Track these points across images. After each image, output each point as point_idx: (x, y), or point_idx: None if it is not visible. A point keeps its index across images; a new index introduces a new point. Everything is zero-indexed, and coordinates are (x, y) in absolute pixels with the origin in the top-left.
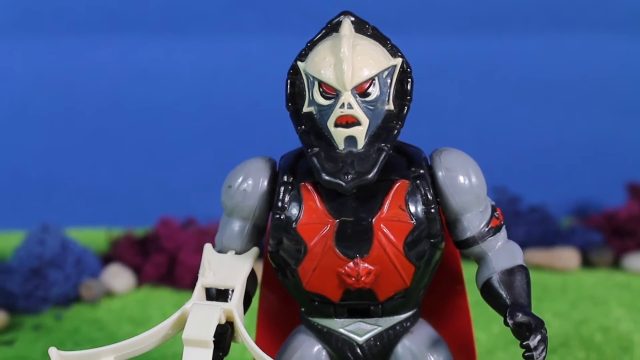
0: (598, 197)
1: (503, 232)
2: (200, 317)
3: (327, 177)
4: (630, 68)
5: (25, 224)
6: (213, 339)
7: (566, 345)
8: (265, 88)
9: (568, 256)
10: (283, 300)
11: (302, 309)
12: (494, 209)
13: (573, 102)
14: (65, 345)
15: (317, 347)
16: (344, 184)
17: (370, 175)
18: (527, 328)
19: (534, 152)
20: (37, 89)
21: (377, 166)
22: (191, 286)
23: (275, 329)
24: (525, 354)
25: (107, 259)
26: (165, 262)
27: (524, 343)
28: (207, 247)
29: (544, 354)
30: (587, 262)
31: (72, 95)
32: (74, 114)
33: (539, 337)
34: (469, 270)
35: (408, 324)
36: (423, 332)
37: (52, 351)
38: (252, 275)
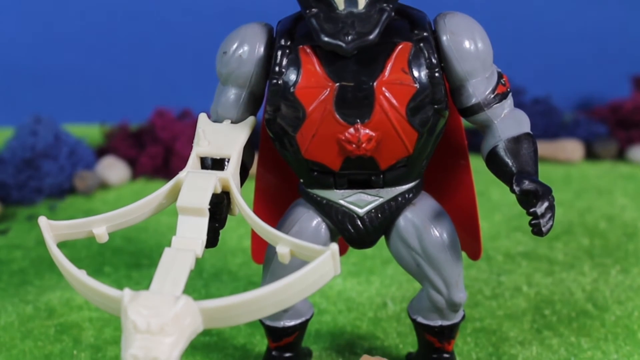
0: (603, 89)
1: (509, 100)
2: (195, 185)
3: (326, 39)
4: None
5: (17, 120)
6: (208, 207)
7: (570, 233)
8: None
9: (572, 148)
10: (280, 178)
11: (301, 181)
12: (500, 76)
13: None
14: None
15: (317, 220)
16: (344, 45)
17: (372, 36)
18: (534, 196)
19: (538, 44)
20: None
21: (379, 27)
22: None
23: (273, 209)
24: (532, 222)
25: (101, 151)
26: (160, 154)
27: (531, 210)
28: (202, 116)
29: (551, 222)
30: (591, 154)
31: None
32: (66, 5)
33: (546, 204)
34: (473, 161)
35: (410, 195)
36: (426, 204)
37: (42, 220)
38: (249, 147)
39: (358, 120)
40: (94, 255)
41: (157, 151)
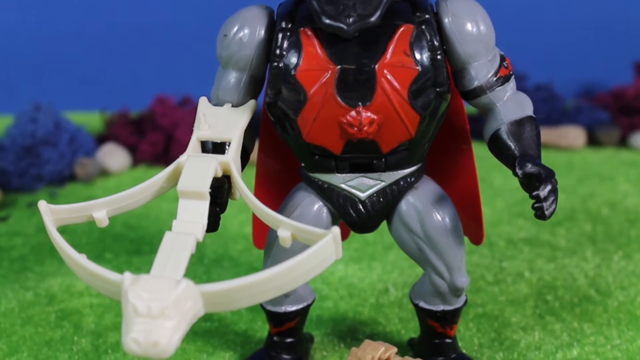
0: (605, 76)
1: (512, 83)
2: (196, 168)
3: (327, 21)
4: None
5: (17, 108)
6: (209, 191)
7: (572, 219)
8: None
9: (574, 134)
10: (281, 164)
11: (302, 165)
12: (502, 59)
13: None
14: None
15: (318, 205)
16: (345, 27)
17: (373, 18)
18: (537, 179)
19: (541, 30)
20: None
21: (380, 9)
22: None
23: (274, 194)
24: (535, 205)
25: (102, 139)
26: (161, 141)
27: (534, 193)
28: (202, 100)
29: (554, 205)
30: (593, 141)
31: None
32: None
33: (549, 187)
34: (475, 147)
35: (412, 179)
36: (428, 188)
37: (42, 204)
38: (249, 131)
39: (360, 103)
40: (94, 241)
41: (157, 138)
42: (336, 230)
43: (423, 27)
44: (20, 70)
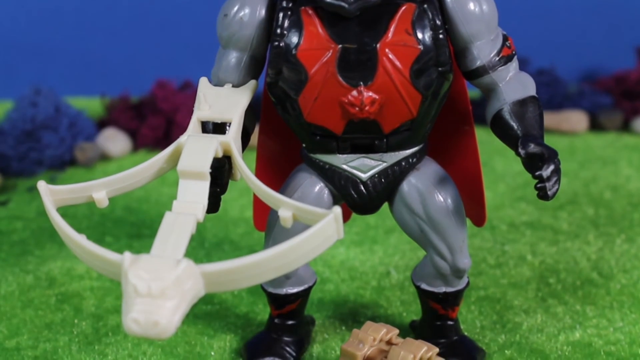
0: (607, 60)
1: (515, 63)
2: (196, 148)
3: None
4: None
5: (18, 92)
6: (210, 171)
7: (575, 203)
8: None
9: (576, 119)
10: (282, 146)
11: (303, 145)
12: (505, 38)
13: None
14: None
15: (319, 186)
16: (346, 5)
17: None
18: (539, 159)
19: (543, 14)
20: None
21: None
22: None
23: (275, 177)
24: (538, 185)
25: (102, 123)
26: (162, 125)
27: (537, 173)
28: (203, 80)
29: (557, 185)
30: (595, 125)
31: None
32: None
33: (552, 167)
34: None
35: (414, 159)
36: (429, 169)
37: (41, 185)
38: (250, 111)
39: (361, 83)
40: (95, 225)
41: (158, 122)
42: (337, 210)
43: (425, 6)
44: (20, 55)
